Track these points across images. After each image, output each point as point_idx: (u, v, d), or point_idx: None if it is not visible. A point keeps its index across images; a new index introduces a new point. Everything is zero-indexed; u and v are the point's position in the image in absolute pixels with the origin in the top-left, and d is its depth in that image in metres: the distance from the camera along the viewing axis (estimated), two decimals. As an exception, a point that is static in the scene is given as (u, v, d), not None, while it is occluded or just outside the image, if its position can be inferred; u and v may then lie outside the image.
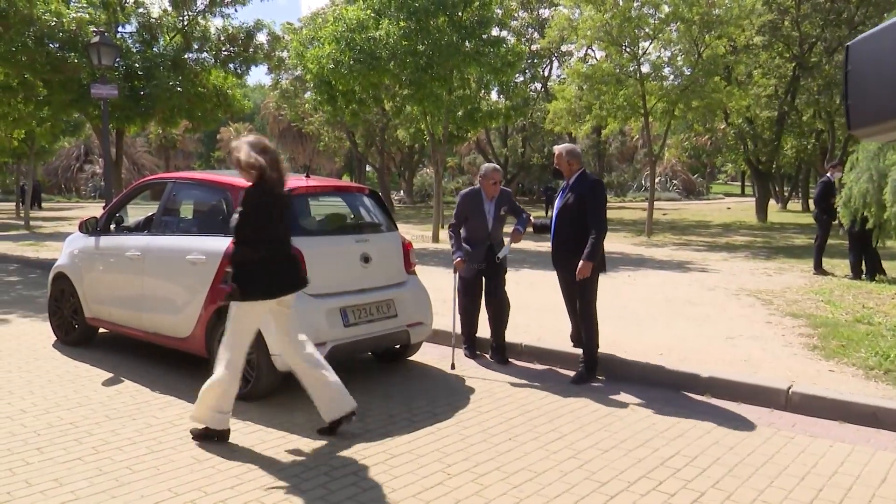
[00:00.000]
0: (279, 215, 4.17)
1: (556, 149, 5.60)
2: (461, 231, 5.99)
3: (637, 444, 4.13)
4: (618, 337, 6.22)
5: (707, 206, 41.51)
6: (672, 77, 19.60)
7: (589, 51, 28.27)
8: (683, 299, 8.41)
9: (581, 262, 5.23)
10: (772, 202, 32.25)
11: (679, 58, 18.99)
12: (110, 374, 5.58)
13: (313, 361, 4.29)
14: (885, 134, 2.19)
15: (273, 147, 4.23)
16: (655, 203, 20.78)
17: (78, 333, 6.48)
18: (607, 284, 8.41)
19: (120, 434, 4.28)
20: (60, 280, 6.59)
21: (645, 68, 19.00)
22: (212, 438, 4.13)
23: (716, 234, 19.83)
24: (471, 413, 4.70)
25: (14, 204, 33.32)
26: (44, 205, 36.91)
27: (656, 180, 26.67)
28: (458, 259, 5.82)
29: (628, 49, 18.58)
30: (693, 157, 37.36)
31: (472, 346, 6.13)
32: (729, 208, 35.92)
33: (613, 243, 15.87)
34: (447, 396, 5.04)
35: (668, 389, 5.16)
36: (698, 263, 12.44)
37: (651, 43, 18.62)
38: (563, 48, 31.05)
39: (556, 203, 5.65)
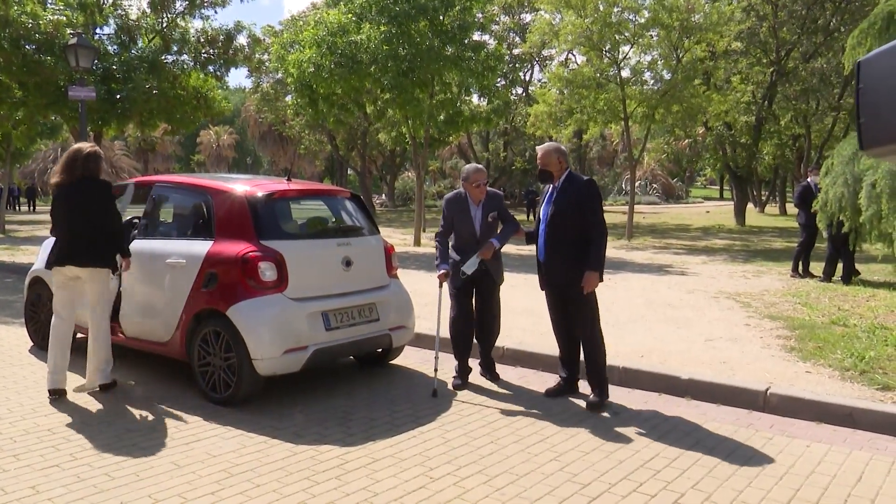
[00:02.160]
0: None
1: (543, 147, 4.92)
2: (450, 239, 5.50)
3: (618, 445, 4.16)
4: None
5: (686, 209, 41.91)
6: (652, 82, 19.79)
7: (570, 55, 28.48)
8: (663, 302, 8.48)
9: (586, 273, 4.68)
10: (750, 206, 32.64)
11: (659, 62, 19.17)
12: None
13: None
14: None
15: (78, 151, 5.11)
16: (636, 207, 20.94)
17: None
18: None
19: (98, 440, 4.22)
20: (37, 285, 6.50)
21: (625, 73, 19.18)
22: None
23: (695, 238, 20.03)
24: (453, 416, 4.70)
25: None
26: (22, 209, 36.34)
27: (636, 184, 26.93)
28: (441, 272, 5.30)
29: (609, 54, 18.73)
30: (673, 161, 37.72)
31: (463, 374, 5.40)
32: (708, 212, 36.29)
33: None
34: (430, 400, 5.04)
35: (648, 391, 5.20)
36: (678, 267, 12.56)
37: (631, 48, 18.79)
38: (545, 52, 31.23)
39: (542, 210, 4.97)
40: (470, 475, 3.74)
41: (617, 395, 5.11)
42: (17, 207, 35.30)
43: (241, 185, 5.28)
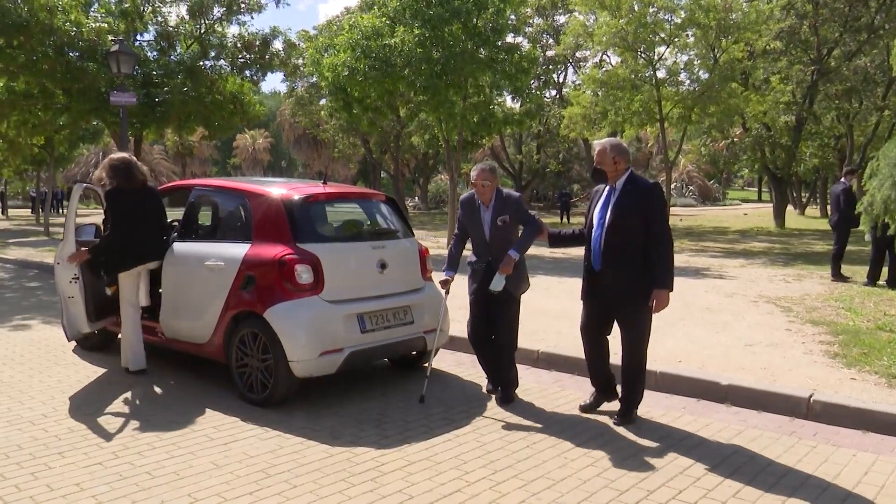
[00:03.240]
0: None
1: (599, 143, 4.47)
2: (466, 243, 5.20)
3: (656, 452, 4.10)
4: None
5: (723, 211, 41.24)
6: (688, 82, 19.52)
7: (604, 56, 28.22)
8: (701, 306, 8.34)
9: (656, 291, 4.28)
10: (789, 208, 31.97)
11: (695, 63, 18.90)
12: (129, 379, 5.62)
13: None
14: None
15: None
16: (671, 209, 20.66)
17: (97, 338, 6.53)
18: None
19: (139, 439, 4.30)
20: (80, 286, 6.64)
21: (661, 73, 18.95)
22: None
23: (733, 241, 19.68)
24: (488, 420, 4.69)
25: (30, 210, 33.78)
26: (64, 211, 37.22)
27: (672, 186, 26.53)
28: (445, 277, 5.06)
29: (644, 54, 18.53)
30: (709, 162, 37.14)
31: (499, 389, 5.14)
32: (746, 214, 35.65)
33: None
34: (464, 403, 5.03)
35: (686, 397, 5.11)
36: (715, 270, 12.35)
37: (667, 48, 18.57)
38: (579, 54, 31.02)
39: (597, 214, 4.49)
40: (506, 479, 3.72)
41: (654, 400, 5.04)
42: (60, 210, 36.22)
43: (278, 189, 5.34)
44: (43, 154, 22.81)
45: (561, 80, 35.48)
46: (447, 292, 5.13)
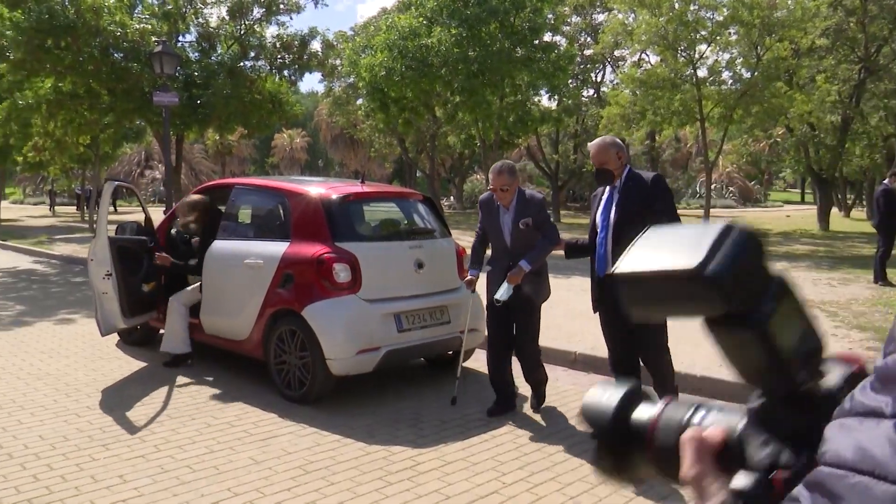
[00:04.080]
0: None
1: (597, 143, 4.17)
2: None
3: (697, 457, 4.01)
4: (672, 348, 6.07)
5: (765, 213, 40.39)
6: (730, 81, 19.16)
7: (643, 55, 27.86)
8: (742, 309, 8.16)
9: None
10: (834, 210, 31.15)
11: (738, 61, 18.54)
12: (170, 374, 5.72)
13: None
14: None
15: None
16: (711, 210, 20.30)
17: (139, 334, 6.66)
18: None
19: (180, 433, 4.37)
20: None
21: (702, 72, 18.64)
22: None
23: (775, 243, 19.24)
24: (524, 421, 4.65)
25: (75, 207, 34.71)
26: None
27: (712, 187, 26.01)
28: (470, 277, 4.87)
29: (684, 53, 18.24)
30: (751, 163, 36.42)
31: (500, 399, 4.81)
32: (788, 216, 34.84)
33: (668, 251, 15.54)
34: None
35: (728, 401, 5.00)
36: (757, 272, 12.07)
37: (708, 46, 18.25)
38: (617, 53, 30.69)
39: (600, 217, 4.17)
40: (543, 481, 3.68)
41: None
42: (115, 207, 37.05)
43: (316, 188, 5.38)
44: (88, 153, 23.37)
45: (599, 79, 35.15)
46: (473, 292, 5.00)
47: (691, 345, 5.96)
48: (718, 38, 17.90)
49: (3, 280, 11.51)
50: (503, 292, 4.52)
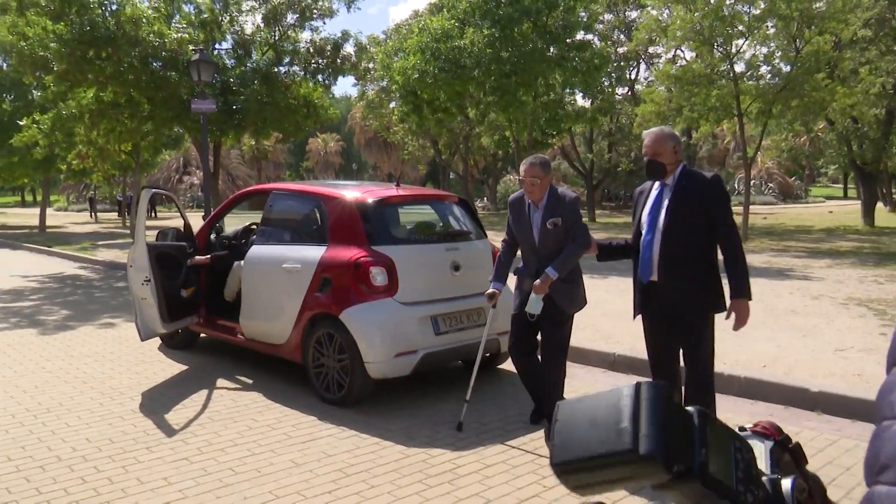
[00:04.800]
0: None
1: (653, 133, 3.78)
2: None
3: (742, 461, 3.92)
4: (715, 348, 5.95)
5: (806, 209, 39.47)
6: (769, 76, 18.74)
7: (678, 51, 27.45)
8: (786, 308, 7.98)
9: (734, 302, 3.61)
10: (879, 205, 30.29)
11: (776, 55, 18.13)
12: (211, 378, 5.80)
13: None
14: None
15: None
16: (751, 207, 19.89)
17: (181, 338, 6.77)
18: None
19: (222, 435, 4.43)
20: (166, 286, 6.91)
21: (739, 67, 18.26)
22: None
23: (818, 240, 18.79)
24: (564, 424, 4.60)
25: (116, 214, 35.53)
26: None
27: (751, 183, 25.49)
28: (491, 291, 4.50)
29: (721, 48, 17.91)
30: (790, 159, 35.62)
31: (537, 410, 4.62)
32: (831, 212, 34.00)
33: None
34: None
35: (773, 404, 4.89)
36: (800, 270, 11.81)
37: (745, 41, 17.88)
38: (651, 50, 30.31)
39: (648, 216, 3.79)
40: (584, 486, 3.63)
41: (738, 406, 4.85)
42: (155, 214, 37.85)
43: (352, 192, 5.40)
44: (129, 160, 23.92)
45: (633, 76, 34.77)
46: (493, 307, 4.56)
47: (734, 345, 5.85)
48: (756, 32, 17.52)
49: (50, 285, 11.82)
50: (533, 304, 4.17)
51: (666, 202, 3.72)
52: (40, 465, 3.96)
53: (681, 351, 3.89)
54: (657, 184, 3.82)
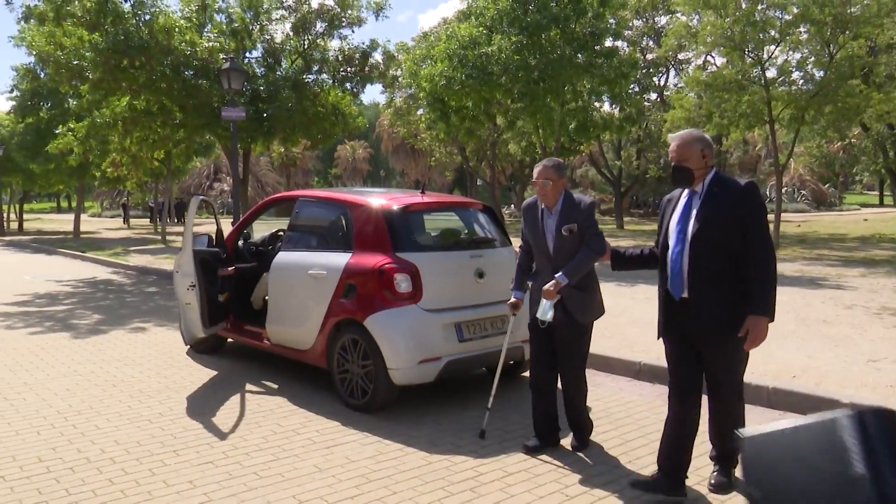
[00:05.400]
0: None
1: (681, 136, 3.53)
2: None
3: (770, 474, 3.85)
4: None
5: (840, 217, 38.69)
6: (801, 81, 18.45)
7: (708, 57, 27.17)
8: (817, 318, 7.83)
9: (751, 319, 3.31)
10: (916, 213, 29.57)
11: (809, 61, 17.85)
12: (238, 382, 5.87)
13: None
14: None
15: None
16: (783, 215, 19.58)
17: (209, 343, 6.86)
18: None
19: (247, 440, 4.47)
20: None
21: (770, 73, 18.01)
22: None
23: (852, 248, 18.41)
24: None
25: (148, 220, 36.18)
26: (179, 221, 39.57)
27: (783, 191, 24.99)
28: (513, 300, 4.35)
29: (752, 54, 17.69)
30: (824, 165, 35.02)
31: (541, 436, 4.27)
32: (866, 220, 33.28)
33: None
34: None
35: (802, 415, 4.80)
36: (832, 279, 11.58)
37: (777, 46, 17.64)
38: (681, 56, 30.04)
39: (674, 227, 3.53)
40: (606, 495, 3.60)
41: (767, 417, 4.76)
42: (176, 219, 38.48)
43: (378, 199, 5.43)
44: (161, 167, 24.37)
45: (662, 83, 34.49)
46: (514, 315, 4.44)
47: (762, 355, 5.75)
48: (788, 37, 17.28)
49: (83, 290, 12.06)
50: (543, 310, 3.99)
51: (695, 211, 3.46)
52: (70, 467, 4.03)
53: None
54: (686, 192, 3.55)
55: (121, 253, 18.63)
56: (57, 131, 18.93)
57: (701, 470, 3.78)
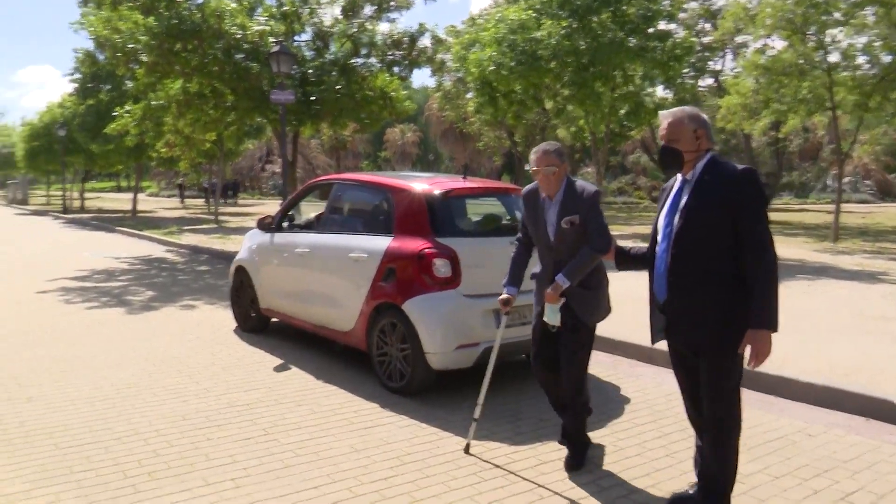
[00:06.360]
0: None
1: (670, 113, 3.12)
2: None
3: (813, 473, 3.75)
4: (791, 353, 5.70)
5: (905, 209, 37.14)
6: (867, 66, 17.67)
7: (767, 41, 26.28)
8: (876, 314, 7.55)
9: (750, 333, 2.86)
10: None
11: (876, 44, 17.07)
12: (281, 361, 5.99)
13: None
14: None
15: None
16: (845, 205, 18.87)
17: (254, 322, 7.01)
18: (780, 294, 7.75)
19: (287, 418, 4.56)
20: (240, 272, 7.17)
21: (833, 57, 17.30)
22: None
23: (915, 241, 17.66)
24: (626, 424, 4.52)
25: (203, 200, 37.07)
26: (229, 201, 40.50)
27: (845, 180, 24.04)
28: (505, 296, 4.01)
29: (814, 37, 17.01)
30: (890, 154, 33.59)
31: (564, 430, 4.00)
32: (932, 212, 31.86)
33: (790, 248, 14.64)
34: (602, 405, 4.87)
35: (853, 415, 4.64)
36: (894, 275, 11.14)
37: (842, 29, 16.91)
38: (738, 39, 29.10)
39: (662, 220, 3.14)
40: (642, 488, 3.56)
41: (813, 416, 4.63)
42: (227, 200, 39.33)
43: (419, 184, 5.44)
44: (214, 149, 24.86)
45: (718, 67, 33.51)
46: (507, 314, 4.07)
47: (813, 350, 5.58)
48: (853, 20, 16.54)
49: (138, 267, 12.45)
50: (550, 315, 3.71)
51: (683, 203, 3.03)
52: (118, 438, 4.19)
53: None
54: (679, 180, 3.13)
55: (175, 232, 19.14)
56: (115, 113, 19.46)
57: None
